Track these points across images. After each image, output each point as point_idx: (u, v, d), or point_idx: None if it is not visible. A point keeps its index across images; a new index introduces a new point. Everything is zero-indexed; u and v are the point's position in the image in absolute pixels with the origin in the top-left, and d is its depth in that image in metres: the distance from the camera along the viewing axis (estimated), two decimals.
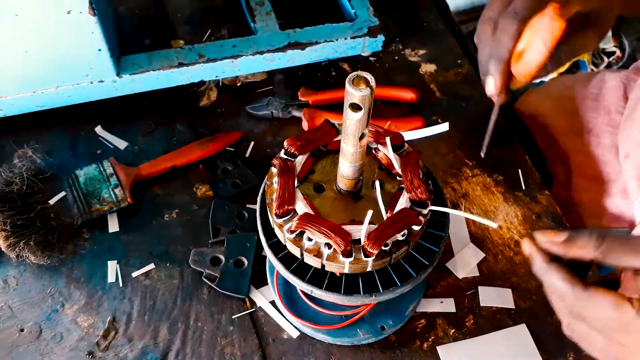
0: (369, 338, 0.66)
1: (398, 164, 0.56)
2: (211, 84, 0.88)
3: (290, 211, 0.53)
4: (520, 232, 0.76)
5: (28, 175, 0.71)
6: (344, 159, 0.52)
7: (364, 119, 0.46)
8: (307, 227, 0.51)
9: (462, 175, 0.81)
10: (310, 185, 0.57)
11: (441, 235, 0.57)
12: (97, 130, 0.82)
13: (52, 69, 0.74)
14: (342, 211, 0.55)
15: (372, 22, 0.89)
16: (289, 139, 0.56)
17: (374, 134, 0.57)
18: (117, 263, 0.71)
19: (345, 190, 0.55)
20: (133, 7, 0.95)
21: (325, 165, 0.58)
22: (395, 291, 0.55)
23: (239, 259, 0.71)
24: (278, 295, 0.67)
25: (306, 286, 0.55)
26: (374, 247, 0.50)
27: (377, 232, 0.51)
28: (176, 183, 0.78)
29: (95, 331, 0.67)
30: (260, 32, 0.86)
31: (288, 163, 0.55)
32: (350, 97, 0.44)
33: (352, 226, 0.52)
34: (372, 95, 0.45)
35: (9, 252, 0.67)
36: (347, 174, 0.53)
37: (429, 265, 0.56)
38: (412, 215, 0.53)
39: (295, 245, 0.53)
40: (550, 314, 0.70)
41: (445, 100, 0.89)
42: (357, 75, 0.44)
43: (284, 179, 0.54)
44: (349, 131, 0.48)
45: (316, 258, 0.52)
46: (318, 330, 0.66)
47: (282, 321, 0.68)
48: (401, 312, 0.67)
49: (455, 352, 0.67)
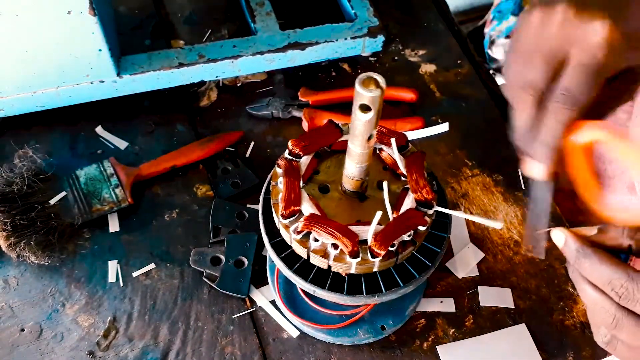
0: (369, 338, 0.66)
1: (403, 164, 0.56)
2: (211, 84, 0.88)
3: (297, 212, 0.53)
4: (520, 232, 0.76)
5: (28, 175, 0.71)
6: (351, 160, 0.51)
7: (373, 120, 0.46)
8: (314, 228, 0.51)
9: (462, 175, 0.81)
10: (315, 185, 0.57)
11: (444, 236, 0.57)
12: (98, 130, 0.82)
13: (52, 69, 0.74)
14: (347, 212, 0.55)
15: (372, 22, 0.89)
16: (294, 139, 0.56)
17: (379, 134, 0.57)
18: (117, 263, 0.72)
19: (351, 190, 0.55)
20: (133, 7, 0.95)
21: (329, 166, 0.58)
22: (397, 292, 0.55)
23: (239, 259, 0.71)
24: (279, 295, 0.67)
25: (309, 286, 0.55)
26: (381, 248, 0.50)
27: (384, 232, 0.51)
28: (176, 183, 0.79)
29: (95, 331, 0.67)
30: (261, 32, 0.86)
31: (293, 163, 0.55)
32: (360, 98, 0.44)
33: (358, 227, 0.52)
34: (382, 97, 0.44)
35: (9, 252, 0.67)
36: (353, 175, 0.53)
37: (431, 266, 0.56)
38: (418, 215, 0.53)
39: (301, 246, 0.53)
40: (549, 314, 0.71)
41: (445, 100, 0.89)
42: (367, 76, 0.44)
43: (289, 180, 0.54)
44: (357, 132, 0.48)
45: (323, 259, 0.52)
46: (318, 329, 0.66)
47: (283, 321, 0.68)
48: (401, 311, 0.67)
49: (455, 352, 0.67)
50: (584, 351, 0.68)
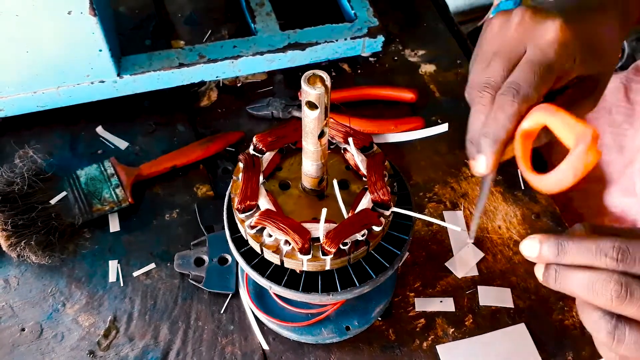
0: (333, 337, 0.66)
1: (364, 165, 0.56)
2: (211, 84, 0.88)
3: (253, 207, 0.53)
4: (520, 232, 0.76)
5: (29, 175, 0.71)
6: (306, 157, 0.52)
7: (321, 117, 0.46)
8: (267, 223, 0.52)
9: (462, 175, 0.81)
10: (277, 182, 0.57)
11: (405, 238, 0.57)
12: (98, 131, 0.82)
13: (52, 69, 0.74)
14: (306, 209, 0.55)
15: (371, 22, 0.89)
16: (259, 134, 0.57)
17: (344, 134, 0.57)
18: (118, 263, 0.72)
19: (310, 188, 0.56)
20: (133, 7, 0.95)
21: (292, 163, 0.58)
22: (353, 291, 0.55)
23: (222, 256, 0.71)
24: (247, 292, 0.67)
25: (265, 282, 0.55)
26: (331, 246, 0.51)
27: (335, 230, 0.51)
28: (177, 183, 0.79)
29: (96, 330, 0.67)
30: (261, 33, 0.86)
31: (254, 159, 0.56)
32: (305, 96, 0.45)
33: (313, 224, 0.52)
34: (328, 94, 0.45)
35: (10, 252, 0.68)
36: (310, 173, 0.53)
37: (389, 268, 0.56)
38: (372, 215, 0.53)
39: (255, 240, 0.53)
40: (549, 314, 0.71)
41: (445, 100, 0.89)
42: (312, 73, 0.45)
43: (248, 175, 0.54)
44: (308, 129, 0.48)
45: (275, 254, 0.53)
46: (283, 327, 0.66)
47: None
48: (367, 313, 0.67)
49: (454, 352, 0.68)
50: (584, 351, 0.68)
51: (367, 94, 0.87)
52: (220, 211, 0.74)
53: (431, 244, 0.75)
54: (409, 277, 0.72)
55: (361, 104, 0.87)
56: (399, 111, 0.87)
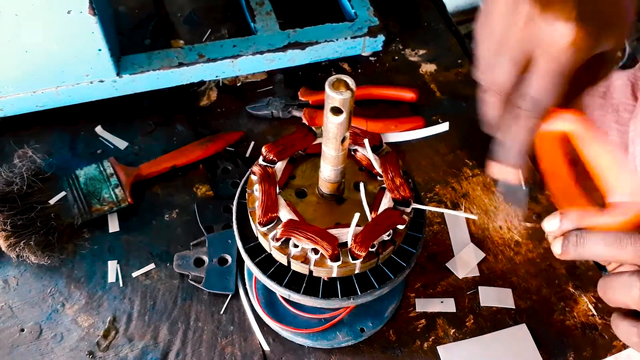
0: (349, 340, 0.66)
1: (378, 164, 0.55)
2: (211, 83, 0.88)
3: (274, 219, 0.52)
4: (521, 233, 0.76)
5: (28, 175, 0.71)
6: (326, 163, 0.51)
7: (345, 122, 0.46)
8: (293, 234, 0.50)
9: (463, 175, 0.81)
10: (292, 190, 0.56)
11: (419, 236, 0.57)
12: (97, 130, 0.82)
13: (52, 69, 0.74)
14: (326, 215, 0.54)
15: (372, 22, 0.89)
16: (267, 145, 0.55)
17: (353, 135, 0.57)
18: (117, 263, 0.71)
19: (328, 193, 0.55)
20: (133, 7, 0.95)
21: (305, 170, 0.57)
22: (373, 294, 0.54)
23: (222, 257, 0.71)
24: (257, 299, 0.67)
25: (284, 291, 0.54)
26: (361, 249, 0.50)
27: (363, 233, 0.50)
28: (176, 183, 0.78)
29: (95, 331, 0.67)
30: (261, 32, 0.86)
31: (268, 170, 0.55)
32: (330, 101, 0.44)
33: (337, 230, 0.52)
34: (353, 99, 0.44)
35: (9, 252, 0.67)
36: (329, 178, 0.53)
37: (406, 267, 0.55)
38: (396, 214, 0.52)
39: (281, 252, 0.52)
40: (550, 314, 0.71)
41: (445, 100, 0.89)
42: (337, 78, 0.43)
43: (265, 187, 0.53)
44: (331, 135, 0.47)
45: (304, 264, 0.52)
46: (297, 334, 0.65)
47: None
48: (381, 313, 0.67)
49: (455, 352, 0.67)
50: (585, 351, 0.68)
51: (368, 94, 0.87)
52: (220, 211, 0.74)
53: (432, 244, 0.75)
54: (410, 277, 0.72)
55: (362, 103, 0.87)
56: (399, 111, 0.87)
